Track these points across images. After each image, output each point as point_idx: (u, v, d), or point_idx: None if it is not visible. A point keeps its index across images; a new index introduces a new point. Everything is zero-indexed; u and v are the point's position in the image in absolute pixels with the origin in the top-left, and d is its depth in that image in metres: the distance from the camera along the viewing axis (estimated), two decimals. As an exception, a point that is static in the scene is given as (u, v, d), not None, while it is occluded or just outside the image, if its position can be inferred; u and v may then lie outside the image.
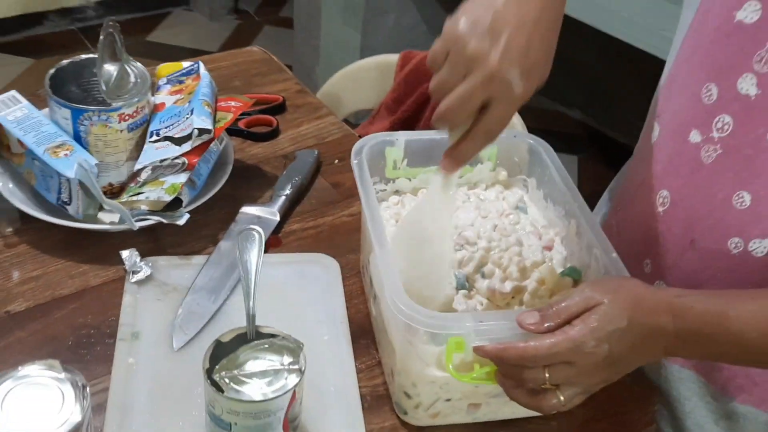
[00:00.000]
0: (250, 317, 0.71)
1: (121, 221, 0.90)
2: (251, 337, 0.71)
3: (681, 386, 0.86)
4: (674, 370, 0.85)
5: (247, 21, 3.41)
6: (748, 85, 0.70)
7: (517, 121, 1.26)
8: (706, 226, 0.76)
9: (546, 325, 0.66)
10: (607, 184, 1.01)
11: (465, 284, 0.80)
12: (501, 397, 0.71)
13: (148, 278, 0.88)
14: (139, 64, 0.95)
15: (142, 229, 0.91)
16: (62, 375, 0.67)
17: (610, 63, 2.81)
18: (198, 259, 0.92)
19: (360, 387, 0.81)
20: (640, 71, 2.73)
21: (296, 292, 0.90)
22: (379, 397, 0.81)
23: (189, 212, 0.92)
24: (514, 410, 0.77)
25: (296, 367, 0.69)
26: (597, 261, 0.77)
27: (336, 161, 1.10)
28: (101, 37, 0.92)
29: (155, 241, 0.94)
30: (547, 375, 0.65)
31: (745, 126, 0.71)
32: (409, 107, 1.30)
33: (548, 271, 0.81)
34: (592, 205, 0.86)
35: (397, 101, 1.31)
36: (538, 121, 2.89)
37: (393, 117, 1.31)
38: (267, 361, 0.69)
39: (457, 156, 0.69)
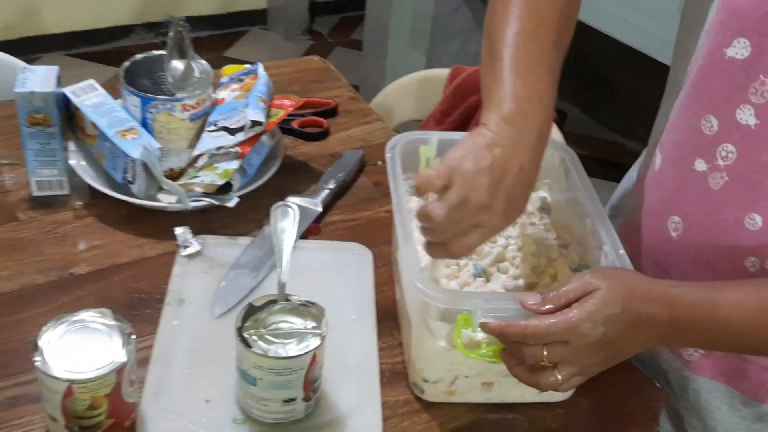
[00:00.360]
0: (281, 285, 0.79)
1: (178, 201, 0.99)
2: (280, 302, 0.78)
3: (710, 396, 0.88)
4: (703, 383, 0.89)
5: (319, 42, 3.55)
6: (746, 116, 0.74)
7: (553, 130, 1.31)
8: (721, 248, 0.80)
9: (546, 306, 0.71)
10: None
11: (482, 273, 0.86)
12: (512, 377, 0.77)
13: (197, 253, 0.97)
14: (203, 61, 1.05)
15: (195, 210, 1.00)
16: (112, 322, 0.75)
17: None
18: (243, 240, 1.00)
19: (380, 363, 0.87)
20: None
21: (330, 275, 0.97)
22: (397, 373, 0.87)
23: (239, 197, 1.00)
24: (523, 393, 0.83)
25: (318, 331, 0.76)
26: (606, 257, 0.82)
27: (379, 162, 1.18)
28: (170, 34, 1.02)
29: (206, 221, 1.03)
30: (545, 353, 0.71)
31: (749, 153, 0.75)
32: (456, 119, 1.37)
33: (561, 267, 0.86)
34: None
35: (444, 113, 1.39)
36: (598, 152, 2.92)
37: (440, 128, 1.39)
38: (292, 324, 0.77)
39: (429, 252, 0.76)
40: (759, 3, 0.70)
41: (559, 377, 0.72)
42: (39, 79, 0.99)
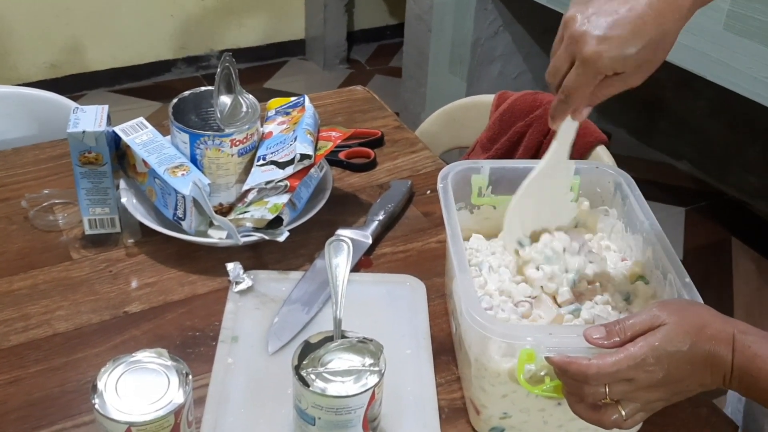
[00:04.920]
0: (337, 321, 0.78)
1: (228, 237, 0.99)
2: (337, 339, 0.77)
3: None
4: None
5: (358, 70, 3.56)
6: None
7: (603, 153, 1.29)
8: None
9: (612, 340, 0.69)
10: (714, 237, 0.99)
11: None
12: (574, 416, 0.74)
13: (249, 289, 0.97)
14: (251, 96, 1.05)
15: (246, 245, 1.00)
16: (169, 363, 0.75)
17: (722, 116, 2.77)
18: (295, 275, 1.00)
19: (439, 399, 0.85)
20: (752, 124, 2.68)
21: (384, 308, 0.96)
22: (456, 409, 0.85)
23: (289, 231, 1.00)
24: (588, 430, 0.80)
25: (377, 368, 0.75)
26: (672, 286, 0.79)
27: (428, 192, 1.16)
28: (218, 70, 1.02)
29: (258, 256, 1.02)
30: (606, 390, 0.68)
31: None
32: (503, 145, 1.35)
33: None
34: (696, 259, 0.86)
35: (491, 140, 1.37)
36: (646, 173, 2.88)
37: (487, 155, 1.37)
38: (350, 361, 0.75)
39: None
40: None
41: (623, 413, 0.69)
42: (90, 118, 1.00)
